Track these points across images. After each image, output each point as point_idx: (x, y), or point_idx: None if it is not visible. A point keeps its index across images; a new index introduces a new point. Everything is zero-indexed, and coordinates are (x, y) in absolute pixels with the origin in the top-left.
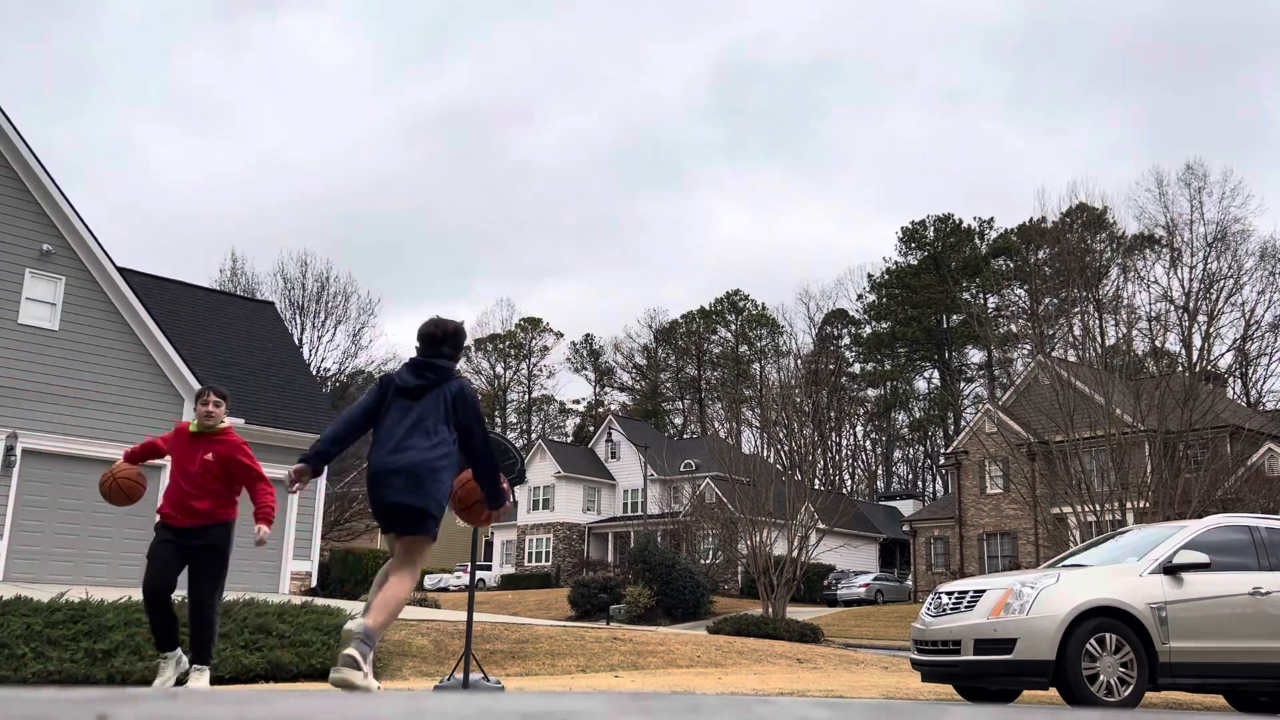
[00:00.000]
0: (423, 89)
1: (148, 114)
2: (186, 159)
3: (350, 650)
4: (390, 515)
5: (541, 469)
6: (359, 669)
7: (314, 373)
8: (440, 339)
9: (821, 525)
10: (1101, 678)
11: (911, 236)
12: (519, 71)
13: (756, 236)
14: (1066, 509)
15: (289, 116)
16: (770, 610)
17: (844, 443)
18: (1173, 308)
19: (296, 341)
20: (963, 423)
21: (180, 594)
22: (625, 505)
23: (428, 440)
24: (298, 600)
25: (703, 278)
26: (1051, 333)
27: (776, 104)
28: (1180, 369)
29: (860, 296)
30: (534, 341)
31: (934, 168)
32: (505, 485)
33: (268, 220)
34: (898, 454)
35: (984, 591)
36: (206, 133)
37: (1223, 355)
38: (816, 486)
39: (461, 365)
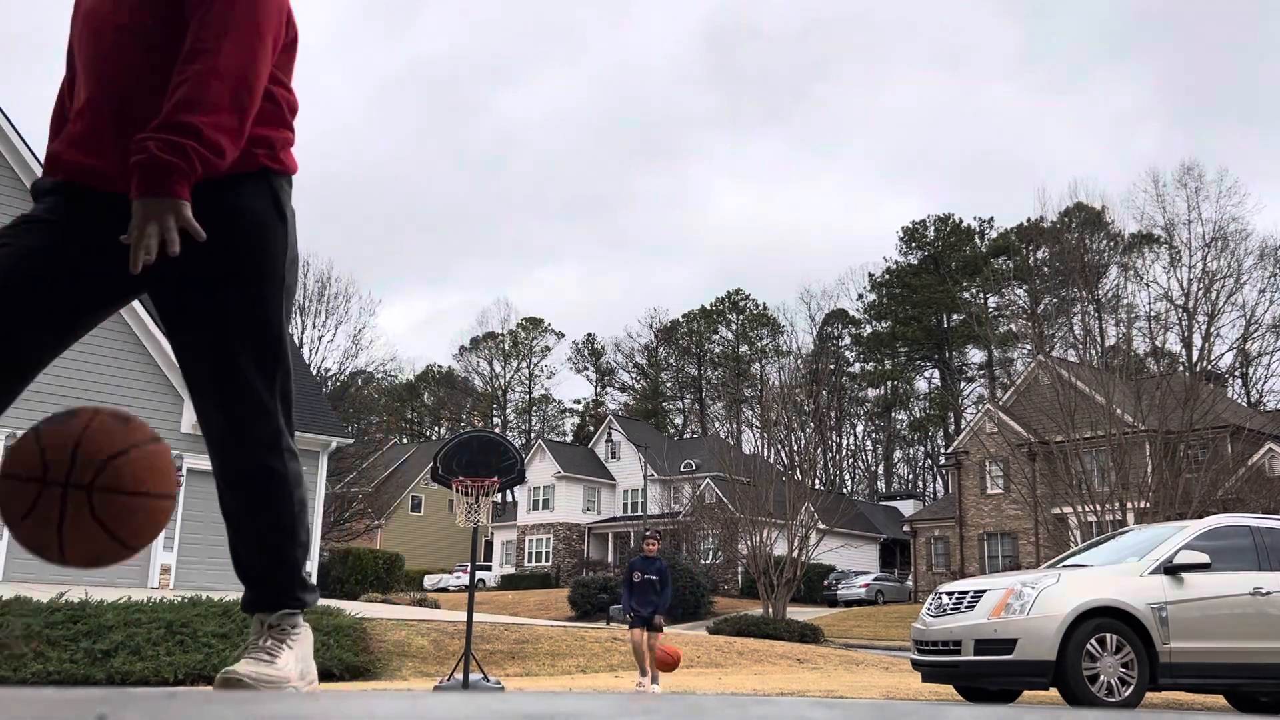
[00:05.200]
0: (396, 51)
1: None
2: None
3: None
4: None
5: (541, 469)
6: None
7: (314, 373)
8: None
9: (821, 525)
10: (1102, 678)
11: (911, 236)
12: (497, 31)
13: (757, 215)
14: (1067, 509)
15: None
16: (770, 610)
17: (844, 443)
18: (1172, 308)
19: (297, 341)
20: (963, 423)
21: None
22: (625, 505)
23: None
24: None
25: (702, 262)
26: (1051, 332)
27: (773, 67)
28: (1180, 369)
29: (860, 296)
30: (535, 342)
31: (940, 134)
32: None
33: None
34: (898, 454)
35: (984, 592)
36: None
37: (1223, 355)
38: (816, 486)
39: (460, 366)
